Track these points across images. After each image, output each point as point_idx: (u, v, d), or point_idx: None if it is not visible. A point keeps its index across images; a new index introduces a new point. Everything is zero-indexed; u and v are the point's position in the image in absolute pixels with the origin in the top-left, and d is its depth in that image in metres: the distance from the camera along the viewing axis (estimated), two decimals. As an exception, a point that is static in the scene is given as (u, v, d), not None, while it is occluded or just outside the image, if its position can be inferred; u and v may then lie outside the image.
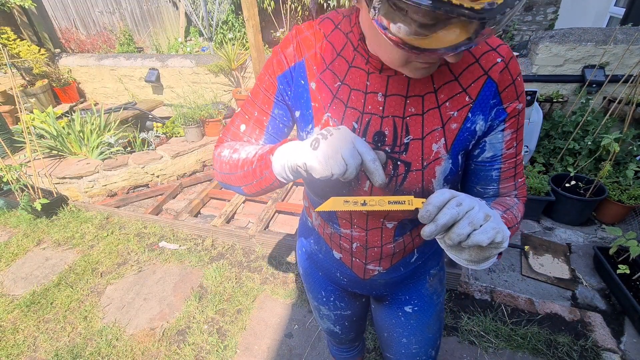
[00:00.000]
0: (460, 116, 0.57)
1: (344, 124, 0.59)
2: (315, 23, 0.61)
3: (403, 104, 0.57)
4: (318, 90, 0.60)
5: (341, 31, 0.59)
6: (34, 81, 4.16)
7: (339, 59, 0.59)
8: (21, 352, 1.73)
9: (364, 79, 0.57)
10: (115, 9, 6.13)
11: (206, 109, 3.17)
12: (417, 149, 0.58)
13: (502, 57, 0.55)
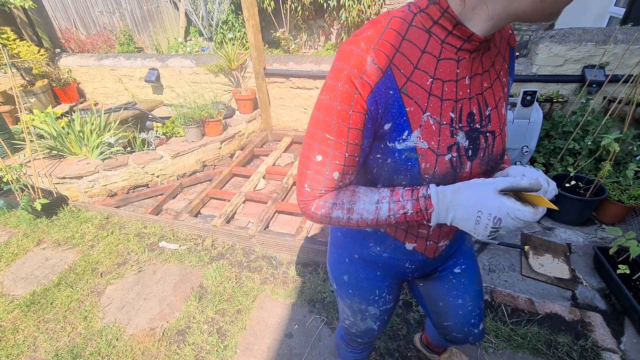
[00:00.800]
0: (506, 81, 0.70)
1: (443, 118, 0.62)
2: (383, 24, 0.57)
3: (480, 81, 0.64)
4: (411, 94, 0.59)
5: (418, 28, 0.58)
6: (34, 81, 4.16)
7: (425, 55, 0.58)
8: (21, 352, 1.73)
9: (454, 68, 0.60)
10: (115, 9, 6.14)
11: (206, 109, 3.17)
12: (495, 117, 0.67)
13: (510, 28, 0.69)
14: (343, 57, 0.57)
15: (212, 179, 3.03)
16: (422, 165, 0.62)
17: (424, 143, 0.61)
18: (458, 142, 0.63)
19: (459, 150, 0.64)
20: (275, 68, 3.48)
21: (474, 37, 0.57)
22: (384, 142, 0.63)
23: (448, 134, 0.62)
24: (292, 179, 2.91)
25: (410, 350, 1.63)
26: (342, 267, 0.94)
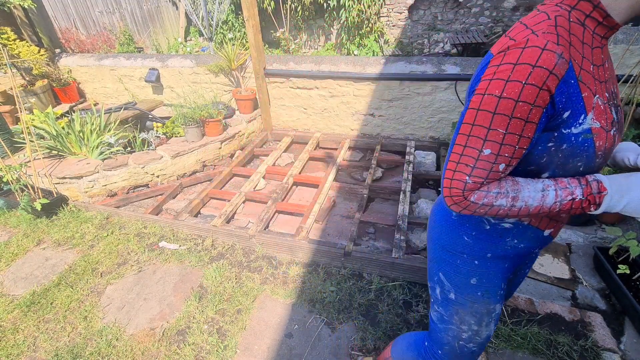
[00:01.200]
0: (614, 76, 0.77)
1: (604, 97, 0.70)
2: (550, 22, 0.65)
3: (606, 70, 0.73)
4: (585, 80, 0.67)
5: (576, 23, 0.67)
6: (34, 81, 4.16)
7: (585, 46, 0.68)
8: (21, 352, 1.73)
9: (600, 54, 0.70)
10: (115, 9, 6.14)
11: (206, 109, 3.17)
12: (618, 93, 0.77)
13: None
14: (529, 55, 0.62)
15: (212, 179, 3.03)
16: (597, 144, 0.69)
17: (596, 123, 0.68)
18: (614, 118, 0.73)
19: (615, 125, 0.73)
20: (275, 68, 3.48)
21: (617, 26, 0.68)
22: (557, 130, 0.68)
23: (610, 111, 0.72)
24: (292, 179, 2.91)
25: (410, 350, 1.62)
26: (469, 271, 0.90)
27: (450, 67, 2.98)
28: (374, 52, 6.32)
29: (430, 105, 3.14)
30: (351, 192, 2.81)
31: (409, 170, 2.85)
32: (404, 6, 6.26)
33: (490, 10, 5.99)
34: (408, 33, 6.55)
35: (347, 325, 1.76)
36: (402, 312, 1.80)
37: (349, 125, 3.58)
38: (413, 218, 2.36)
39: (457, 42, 5.75)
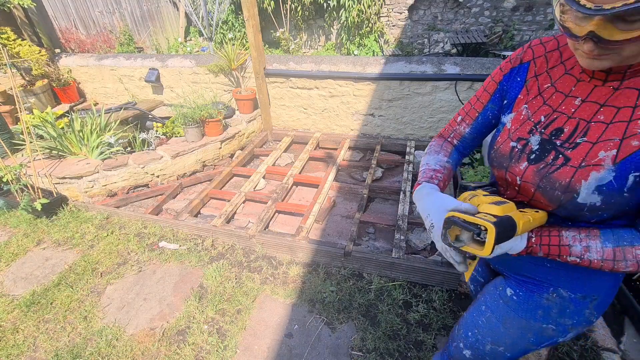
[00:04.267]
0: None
1: (534, 116, 0.72)
2: (556, 37, 0.74)
3: (595, 111, 0.63)
4: (529, 86, 0.75)
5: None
6: (34, 81, 4.16)
7: (560, 66, 0.70)
8: (21, 352, 1.73)
9: (572, 84, 0.67)
10: (115, 9, 6.14)
11: (206, 109, 3.17)
12: (584, 150, 0.62)
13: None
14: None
15: (212, 179, 3.03)
16: (498, 138, 0.78)
17: (509, 124, 0.76)
18: (529, 141, 0.71)
19: (525, 147, 0.72)
20: (275, 68, 3.48)
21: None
22: (501, 114, 0.82)
23: (527, 129, 0.72)
24: (292, 179, 2.91)
25: (410, 351, 1.63)
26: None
27: (450, 67, 2.98)
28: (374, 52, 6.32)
29: (430, 105, 3.14)
30: (351, 192, 2.81)
31: (408, 170, 2.85)
32: (404, 6, 6.26)
33: (490, 10, 5.99)
34: (408, 33, 6.55)
35: (347, 325, 1.76)
36: (402, 312, 1.80)
37: (349, 125, 3.58)
38: (413, 218, 2.36)
39: (457, 42, 5.75)
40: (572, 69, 0.68)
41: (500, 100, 0.83)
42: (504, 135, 0.77)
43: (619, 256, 0.61)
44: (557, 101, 0.69)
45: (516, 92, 0.77)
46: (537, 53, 0.75)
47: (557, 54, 0.72)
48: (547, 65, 0.72)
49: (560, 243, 0.66)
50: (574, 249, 0.64)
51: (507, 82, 0.80)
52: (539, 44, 0.75)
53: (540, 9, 5.66)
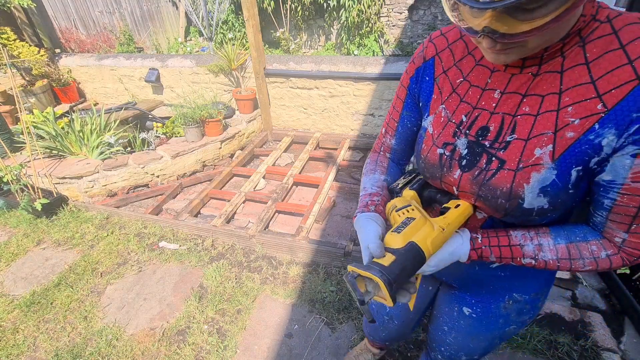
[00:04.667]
0: (583, 125, 0.50)
1: (454, 116, 0.65)
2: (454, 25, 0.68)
3: (518, 102, 0.56)
4: (441, 84, 0.68)
5: None
6: (34, 81, 4.16)
7: (468, 57, 0.64)
8: (21, 352, 1.73)
9: (487, 76, 0.60)
10: (115, 9, 6.14)
11: (206, 109, 3.17)
12: (517, 149, 0.56)
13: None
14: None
15: (212, 179, 3.03)
16: (422, 146, 0.71)
17: (431, 128, 0.69)
18: (456, 145, 0.64)
19: (453, 153, 0.64)
20: (275, 68, 3.48)
21: None
22: (422, 116, 0.75)
23: (450, 132, 0.65)
24: (292, 179, 2.91)
25: (410, 350, 1.63)
26: None
27: (450, 67, 2.98)
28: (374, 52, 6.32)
29: (430, 105, 3.15)
30: (351, 192, 2.81)
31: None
32: (404, 6, 6.26)
33: (490, 10, 5.99)
34: (408, 33, 6.55)
35: (347, 325, 1.76)
36: (402, 312, 1.80)
37: (349, 125, 3.58)
38: (413, 218, 2.36)
39: (457, 42, 5.75)
40: (482, 59, 0.61)
41: (414, 105, 0.75)
42: (428, 142, 0.69)
43: (574, 254, 0.58)
44: (475, 97, 0.61)
45: (428, 93, 0.70)
46: (439, 46, 0.67)
47: (462, 44, 0.64)
48: (454, 58, 0.65)
49: (510, 243, 0.61)
50: (526, 248, 0.60)
51: (415, 85, 0.73)
52: (440, 36, 0.68)
53: (540, 9, 5.66)
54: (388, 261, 0.54)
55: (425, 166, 0.71)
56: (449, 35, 0.67)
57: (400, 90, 0.77)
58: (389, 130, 0.83)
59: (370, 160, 0.87)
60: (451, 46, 0.66)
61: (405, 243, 0.56)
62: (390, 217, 0.68)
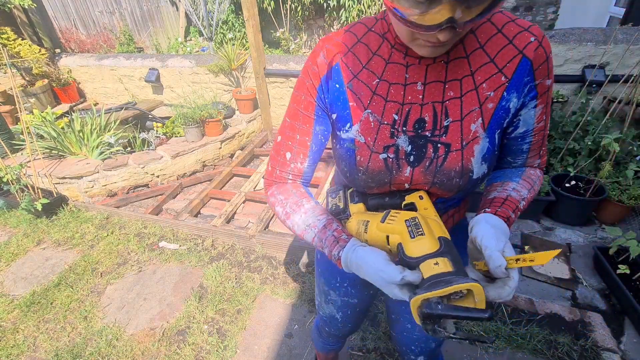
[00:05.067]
0: (497, 96, 0.60)
1: (385, 117, 0.63)
2: (347, 28, 0.66)
3: (442, 89, 0.61)
4: (355, 90, 0.64)
5: (376, 33, 0.63)
6: (34, 81, 4.16)
7: (375, 58, 0.63)
8: (21, 352, 1.73)
9: (403, 72, 0.62)
10: (115, 9, 6.13)
11: (206, 109, 3.17)
12: (456, 130, 0.61)
13: (535, 36, 0.58)
14: (310, 55, 0.67)
15: (212, 179, 3.03)
16: (357, 158, 0.66)
17: (361, 137, 0.65)
18: (398, 145, 0.64)
19: (397, 153, 0.64)
20: (275, 68, 3.47)
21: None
22: (335, 130, 0.70)
23: (387, 134, 0.64)
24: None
25: (410, 350, 1.62)
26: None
27: (450, 67, 2.97)
28: (374, 52, 6.32)
29: (430, 105, 3.14)
30: (351, 192, 2.81)
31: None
32: (404, 6, 6.26)
33: (490, 10, 5.99)
34: (408, 33, 6.55)
35: (347, 325, 1.76)
36: (402, 312, 1.80)
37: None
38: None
39: (457, 42, 5.75)
40: (391, 58, 0.62)
41: (326, 117, 0.69)
42: (364, 152, 0.65)
43: (530, 181, 0.69)
44: (399, 93, 0.62)
45: (343, 101, 0.65)
46: (340, 51, 0.64)
47: (363, 47, 0.63)
48: (361, 61, 0.63)
49: (512, 198, 0.65)
50: (514, 194, 0.65)
51: (325, 94, 0.66)
52: (335, 40, 0.65)
53: (540, 9, 5.66)
54: (445, 266, 0.47)
55: (368, 177, 0.67)
56: (344, 39, 0.64)
57: (307, 104, 0.68)
58: (299, 152, 0.71)
59: (281, 195, 0.73)
60: (353, 50, 0.64)
61: (438, 242, 0.52)
62: (367, 237, 0.62)
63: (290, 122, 0.71)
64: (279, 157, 0.73)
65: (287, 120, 0.71)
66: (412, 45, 0.55)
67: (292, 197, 0.72)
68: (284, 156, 0.72)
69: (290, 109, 0.71)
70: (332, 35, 0.66)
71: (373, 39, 0.63)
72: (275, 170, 0.74)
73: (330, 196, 0.74)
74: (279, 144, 0.73)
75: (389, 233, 0.57)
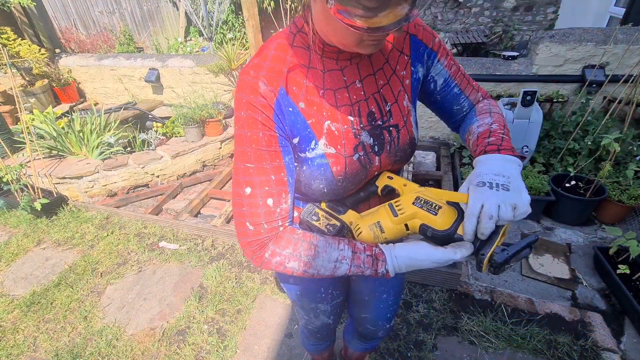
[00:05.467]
0: (408, 73, 0.72)
1: (343, 122, 0.67)
2: (268, 50, 0.63)
3: (374, 80, 0.68)
4: (308, 107, 0.64)
5: (300, 47, 0.64)
6: (34, 81, 4.16)
7: (311, 71, 0.64)
8: (21, 352, 1.73)
9: (340, 76, 0.66)
10: (115, 9, 6.14)
11: (206, 109, 3.17)
12: (397, 111, 0.71)
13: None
14: (239, 88, 0.62)
15: (212, 179, 3.03)
16: (333, 169, 0.67)
17: (331, 149, 0.66)
18: (363, 142, 0.69)
19: (365, 149, 0.69)
20: (275, 68, 3.47)
21: (343, 52, 0.63)
22: (296, 153, 0.67)
23: (352, 136, 0.68)
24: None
25: (410, 350, 1.63)
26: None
27: (450, 67, 2.97)
28: (374, 52, 6.32)
29: (430, 105, 3.14)
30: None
31: (408, 170, 2.85)
32: (404, 6, 6.26)
33: (490, 10, 5.99)
34: (408, 33, 6.55)
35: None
36: (402, 312, 1.80)
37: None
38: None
39: (457, 42, 5.74)
40: (325, 67, 0.64)
41: (289, 144, 0.65)
42: (339, 161, 0.66)
43: (494, 105, 0.78)
44: (345, 96, 0.66)
45: (301, 122, 0.64)
46: (277, 74, 0.62)
47: (296, 65, 0.63)
48: (300, 79, 0.63)
49: (495, 130, 0.71)
50: (494, 126, 0.71)
51: (283, 121, 0.62)
52: (268, 66, 0.62)
53: (540, 9, 5.66)
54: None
55: (348, 182, 0.69)
56: (275, 63, 0.62)
57: (267, 138, 0.61)
58: (280, 192, 0.64)
59: (287, 249, 0.64)
60: (289, 70, 0.62)
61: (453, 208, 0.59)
62: (386, 235, 0.65)
63: (255, 166, 0.61)
64: (259, 209, 0.62)
65: (250, 165, 0.61)
66: (357, 48, 0.56)
67: (301, 244, 0.64)
68: (266, 205, 0.62)
69: (247, 153, 0.61)
70: (258, 63, 0.62)
71: (300, 53, 0.63)
72: (261, 226, 0.63)
73: (311, 219, 0.70)
74: (252, 197, 0.62)
75: (407, 221, 0.62)
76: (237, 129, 0.63)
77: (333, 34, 0.56)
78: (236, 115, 0.63)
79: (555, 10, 5.58)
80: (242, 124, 0.61)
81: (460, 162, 2.79)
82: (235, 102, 0.63)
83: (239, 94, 0.62)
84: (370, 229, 0.66)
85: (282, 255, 0.64)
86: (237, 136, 0.63)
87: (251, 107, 0.60)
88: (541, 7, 5.66)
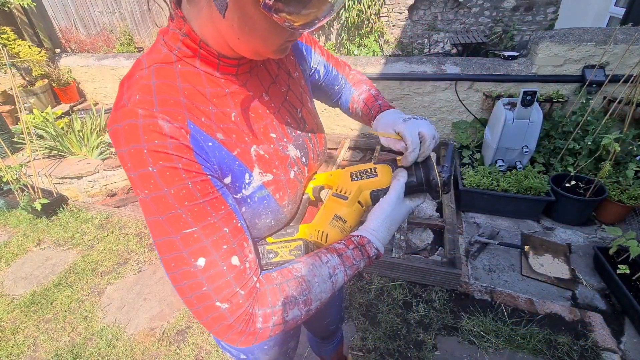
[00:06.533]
0: (299, 72, 0.73)
1: (267, 141, 0.61)
2: (144, 79, 0.49)
3: (277, 89, 0.66)
4: (227, 137, 0.54)
5: (187, 69, 0.52)
6: (34, 81, 4.16)
7: (212, 93, 0.54)
8: (21, 352, 1.73)
9: (246, 92, 0.59)
10: (115, 9, 6.14)
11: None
12: (307, 114, 0.72)
13: None
14: (126, 138, 0.45)
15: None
16: (276, 197, 0.60)
17: (267, 175, 0.59)
18: (291, 156, 0.65)
19: (295, 162, 0.66)
20: (275, 68, 3.47)
21: (243, 59, 0.56)
22: (233, 194, 0.55)
23: (281, 154, 0.63)
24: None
25: (410, 350, 1.63)
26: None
27: (450, 67, 2.97)
28: (374, 52, 6.31)
29: (430, 105, 3.14)
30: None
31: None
32: (404, 6, 6.26)
33: (490, 10, 5.99)
34: (408, 33, 6.54)
35: (347, 325, 1.76)
36: (402, 312, 1.80)
37: (349, 125, 3.58)
38: (413, 218, 2.36)
39: (457, 42, 5.75)
40: (227, 86, 0.56)
41: (223, 185, 0.54)
42: (280, 186, 0.61)
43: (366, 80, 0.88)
44: (258, 113, 0.60)
45: (227, 155, 0.54)
46: (176, 108, 0.49)
47: (191, 91, 0.52)
48: (205, 107, 0.52)
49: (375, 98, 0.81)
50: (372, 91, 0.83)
51: (208, 159, 0.50)
52: (160, 99, 0.48)
53: (540, 9, 5.66)
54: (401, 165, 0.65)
55: (291, 203, 0.65)
56: (165, 95, 0.49)
57: (200, 186, 0.48)
58: (241, 243, 0.52)
59: (279, 302, 0.52)
60: (186, 100, 0.50)
61: (383, 165, 0.66)
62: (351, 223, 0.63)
63: (199, 228, 0.47)
64: (226, 276, 0.49)
65: (191, 230, 0.47)
66: (276, 53, 0.51)
67: (287, 286, 0.53)
68: (232, 267, 0.49)
69: (181, 217, 0.46)
70: (142, 98, 0.47)
71: (191, 75, 0.52)
72: (236, 296, 0.49)
73: (270, 260, 0.61)
74: (210, 267, 0.48)
75: (358, 198, 0.64)
76: (147, 194, 0.46)
77: (253, 36, 0.47)
78: (138, 176, 0.45)
79: (555, 10, 5.58)
80: (155, 183, 0.45)
81: (460, 162, 2.79)
82: (125, 159, 0.45)
83: (128, 146, 0.45)
84: (334, 225, 0.62)
85: (276, 312, 0.52)
86: (151, 203, 0.46)
87: (161, 156, 0.45)
88: (541, 7, 5.66)
